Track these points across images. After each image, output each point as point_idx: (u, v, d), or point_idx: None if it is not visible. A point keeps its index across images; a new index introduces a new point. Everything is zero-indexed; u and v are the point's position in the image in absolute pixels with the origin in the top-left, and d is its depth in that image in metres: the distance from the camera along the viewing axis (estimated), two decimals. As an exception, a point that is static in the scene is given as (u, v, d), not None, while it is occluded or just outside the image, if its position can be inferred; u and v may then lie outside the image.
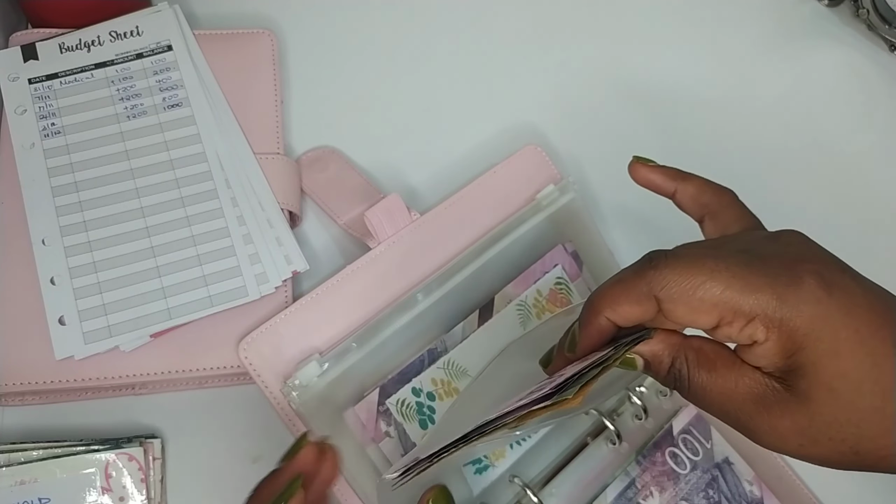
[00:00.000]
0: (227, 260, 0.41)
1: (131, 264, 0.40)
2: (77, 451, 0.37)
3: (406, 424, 0.38)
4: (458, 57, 0.52)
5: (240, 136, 0.44)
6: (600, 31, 0.54)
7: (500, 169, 0.45)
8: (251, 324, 0.40)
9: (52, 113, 0.43)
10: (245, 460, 0.40)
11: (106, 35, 0.45)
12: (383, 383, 0.38)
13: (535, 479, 0.37)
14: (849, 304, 0.24)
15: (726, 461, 0.40)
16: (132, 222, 0.41)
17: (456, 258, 0.42)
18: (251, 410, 0.40)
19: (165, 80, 0.44)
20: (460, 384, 0.39)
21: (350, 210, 0.44)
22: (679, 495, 0.39)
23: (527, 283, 0.42)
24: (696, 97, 0.52)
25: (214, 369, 0.40)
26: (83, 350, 0.38)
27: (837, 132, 0.52)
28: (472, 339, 0.40)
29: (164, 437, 0.40)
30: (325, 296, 0.40)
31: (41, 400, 0.39)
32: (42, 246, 0.40)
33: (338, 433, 0.38)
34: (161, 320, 0.39)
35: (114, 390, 0.40)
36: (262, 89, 0.46)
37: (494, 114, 0.51)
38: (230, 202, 0.42)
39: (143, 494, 0.37)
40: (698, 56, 0.54)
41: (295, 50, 0.51)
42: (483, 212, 0.44)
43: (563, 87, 0.52)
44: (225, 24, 0.49)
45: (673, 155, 0.50)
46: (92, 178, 0.41)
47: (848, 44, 0.55)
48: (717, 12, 0.56)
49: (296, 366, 0.38)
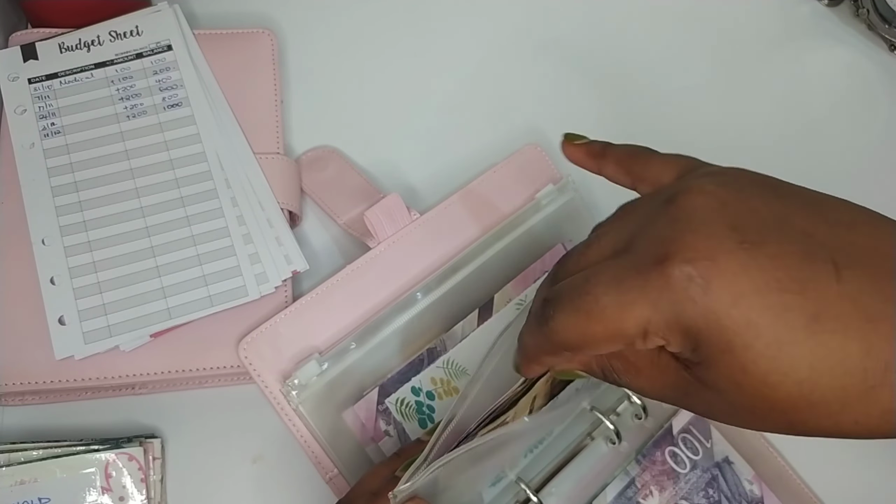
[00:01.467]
0: (227, 260, 0.41)
1: (131, 264, 0.40)
2: (77, 450, 0.37)
3: (405, 423, 0.38)
4: (458, 56, 0.52)
5: (240, 136, 0.44)
6: (600, 31, 0.54)
7: (499, 168, 0.45)
8: (251, 324, 0.40)
9: (51, 113, 0.43)
10: (245, 460, 0.40)
11: (106, 35, 0.45)
12: (383, 382, 0.38)
13: (534, 479, 0.37)
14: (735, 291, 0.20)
15: (726, 460, 0.40)
16: (132, 222, 0.41)
17: (455, 257, 0.42)
18: (251, 410, 0.40)
19: (165, 80, 0.44)
20: (460, 383, 0.39)
21: (350, 210, 0.44)
22: (679, 494, 0.39)
23: (526, 283, 0.42)
24: (697, 97, 0.52)
25: (214, 369, 0.40)
26: (83, 350, 0.38)
27: (837, 132, 0.52)
28: (472, 339, 0.40)
29: (164, 437, 0.40)
30: (325, 295, 0.40)
31: (41, 400, 0.39)
32: (42, 246, 0.40)
33: (337, 432, 0.38)
34: (161, 320, 0.39)
35: (114, 390, 0.40)
36: (262, 89, 0.46)
37: (494, 113, 0.51)
38: (230, 202, 0.42)
39: (143, 494, 0.37)
40: (699, 56, 0.54)
41: (295, 50, 0.51)
42: (483, 211, 0.44)
43: (562, 86, 0.52)
44: (225, 23, 0.49)
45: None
46: (92, 177, 0.41)
47: (848, 44, 0.55)
48: (718, 12, 0.56)
49: (295, 365, 0.38)
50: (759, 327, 0.20)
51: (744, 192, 0.23)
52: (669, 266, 0.21)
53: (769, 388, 0.21)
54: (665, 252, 0.21)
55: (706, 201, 0.22)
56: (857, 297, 0.20)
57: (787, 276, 0.20)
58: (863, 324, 0.20)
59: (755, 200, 0.22)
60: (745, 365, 0.21)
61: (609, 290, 0.22)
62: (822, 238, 0.21)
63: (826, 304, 0.20)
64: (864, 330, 0.20)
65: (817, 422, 0.21)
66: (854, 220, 0.22)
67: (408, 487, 0.29)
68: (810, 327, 0.20)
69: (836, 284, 0.20)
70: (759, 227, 0.21)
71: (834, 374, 0.20)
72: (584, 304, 0.23)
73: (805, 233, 0.21)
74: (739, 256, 0.21)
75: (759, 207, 0.22)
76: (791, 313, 0.20)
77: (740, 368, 0.21)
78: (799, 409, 0.21)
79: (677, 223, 0.22)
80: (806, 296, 0.20)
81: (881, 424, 0.20)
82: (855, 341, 0.20)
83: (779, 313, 0.20)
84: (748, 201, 0.22)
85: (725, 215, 0.22)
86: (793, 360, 0.20)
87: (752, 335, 0.20)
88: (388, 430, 0.38)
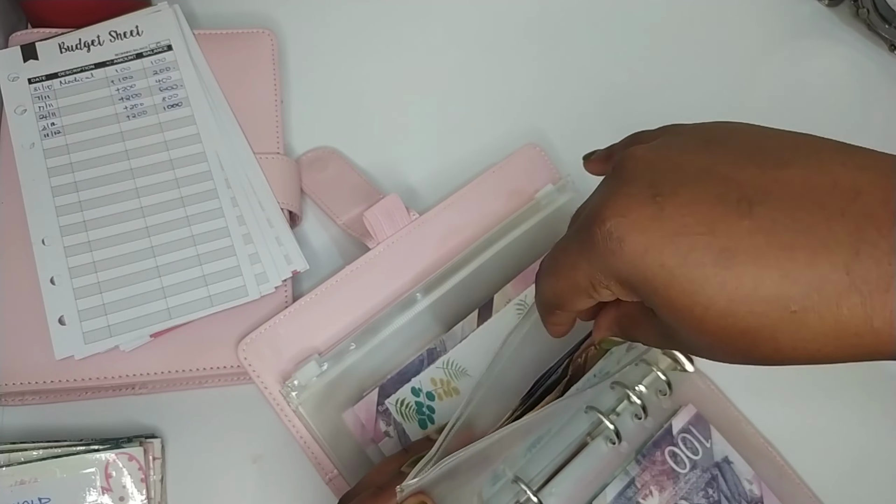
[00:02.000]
0: (227, 260, 0.41)
1: (131, 264, 0.40)
2: (77, 450, 0.37)
3: (405, 424, 0.38)
4: (458, 57, 0.52)
5: (240, 136, 0.44)
6: (600, 31, 0.54)
7: (498, 168, 0.45)
8: (251, 324, 0.40)
9: (51, 113, 0.43)
10: (245, 460, 0.40)
11: (106, 35, 0.45)
12: (382, 383, 0.38)
13: (534, 479, 0.37)
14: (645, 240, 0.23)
15: (726, 460, 0.40)
16: (132, 222, 0.41)
17: (455, 258, 0.42)
18: (251, 410, 0.40)
19: (165, 80, 0.44)
20: (460, 384, 0.39)
21: (349, 210, 0.44)
22: (679, 494, 0.39)
23: (526, 283, 0.42)
24: (697, 97, 0.52)
25: (214, 369, 0.40)
26: (83, 350, 0.38)
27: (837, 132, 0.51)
28: (472, 339, 0.40)
29: (164, 437, 0.40)
30: (325, 296, 0.40)
31: (41, 400, 0.39)
32: (42, 246, 0.40)
33: (337, 433, 0.38)
34: (161, 320, 0.39)
35: (114, 390, 0.40)
36: (261, 89, 0.46)
37: (493, 113, 0.51)
38: (230, 202, 0.42)
39: (143, 494, 0.37)
40: (698, 56, 0.54)
41: (295, 50, 0.51)
42: (482, 211, 0.44)
43: (562, 85, 0.52)
44: (225, 23, 0.49)
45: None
46: (92, 177, 0.41)
47: (848, 44, 0.55)
48: (717, 12, 0.56)
49: (295, 366, 0.38)
50: (671, 269, 0.22)
51: (672, 150, 0.25)
52: (594, 226, 0.24)
53: (698, 320, 0.23)
54: (594, 215, 0.24)
55: (635, 164, 0.25)
56: (770, 230, 0.21)
57: (695, 220, 0.22)
58: (776, 252, 0.21)
59: (682, 157, 0.24)
60: (671, 302, 0.23)
61: (563, 253, 0.26)
62: (742, 180, 0.23)
63: (735, 238, 0.22)
64: (778, 258, 0.21)
65: (760, 349, 0.22)
66: (792, 157, 0.23)
67: (416, 482, 0.29)
68: (720, 262, 0.22)
69: (748, 220, 0.22)
70: (676, 180, 0.24)
71: (751, 301, 0.21)
72: (550, 267, 0.27)
73: (724, 178, 0.23)
74: (650, 209, 0.23)
75: (683, 162, 0.24)
76: (697, 252, 0.22)
77: (670, 306, 0.23)
78: (735, 338, 0.22)
79: (609, 187, 0.25)
80: (715, 234, 0.22)
81: (821, 348, 0.21)
82: (769, 269, 0.21)
83: (685, 253, 0.22)
84: (674, 158, 0.25)
85: (647, 174, 0.24)
86: (709, 293, 0.22)
87: (667, 276, 0.23)
88: (388, 431, 0.38)
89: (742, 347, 0.23)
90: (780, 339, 0.22)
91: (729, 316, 0.22)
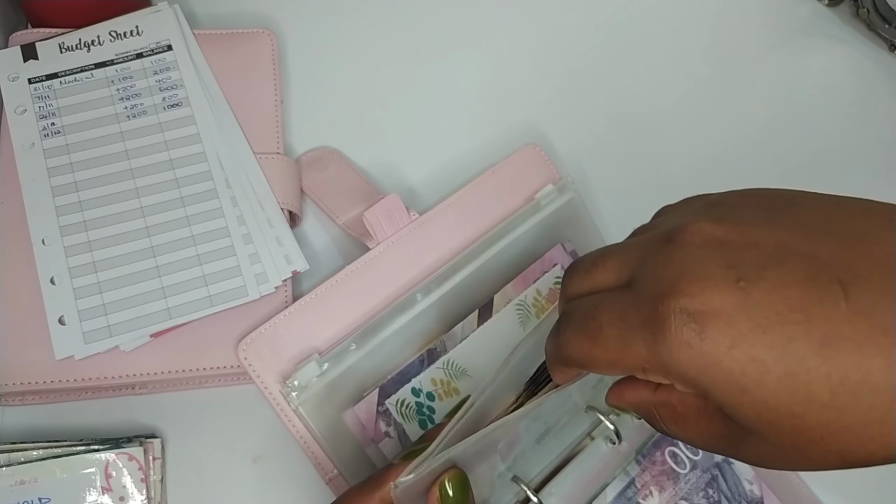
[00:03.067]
0: (227, 260, 0.41)
1: (131, 264, 0.40)
2: (77, 450, 0.37)
3: (406, 424, 0.38)
4: (458, 57, 0.52)
5: (240, 136, 0.44)
6: (600, 31, 0.54)
7: (498, 169, 0.45)
8: (251, 324, 0.40)
9: (51, 113, 0.43)
10: (245, 460, 0.40)
11: (106, 35, 0.45)
12: (383, 383, 0.38)
13: (534, 479, 0.37)
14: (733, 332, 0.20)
15: (726, 460, 0.40)
16: (132, 222, 0.41)
17: (455, 258, 0.42)
18: (251, 410, 0.40)
19: (165, 80, 0.44)
20: (460, 384, 0.39)
21: (349, 210, 0.44)
22: (679, 495, 0.39)
23: (526, 283, 0.42)
24: (696, 97, 0.52)
25: (214, 369, 0.40)
26: (83, 350, 0.38)
27: (837, 132, 0.52)
28: (472, 339, 0.40)
29: (164, 437, 0.40)
30: (325, 296, 0.40)
31: (41, 400, 0.39)
32: (42, 246, 0.40)
33: (337, 433, 0.38)
34: (161, 320, 0.39)
35: (114, 390, 0.40)
36: (261, 89, 0.46)
37: (494, 113, 0.51)
38: (230, 202, 0.42)
39: (143, 494, 0.37)
40: (698, 56, 0.54)
41: (295, 50, 0.51)
42: (482, 211, 0.44)
43: (561, 86, 0.52)
44: (225, 23, 0.49)
45: (673, 154, 0.50)
46: (92, 177, 0.41)
47: (848, 44, 0.55)
48: (717, 12, 0.56)
49: (295, 366, 0.38)
50: (765, 363, 0.20)
51: (742, 224, 0.23)
52: (665, 310, 0.21)
53: (797, 418, 0.20)
54: (661, 293, 0.22)
55: (703, 240, 0.23)
56: (870, 314, 0.20)
57: (788, 306, 0.20)
58: (880, 339, 0.19)
59: (754, 231, 0.22)
60: (766, 401, 0.21)
61: (613, 322, 0.23)
62: (827, 257, 0.21)
63: (835, 326, 0.20)
64: (883, 345, 0.19)
65: (864, 446, 0.20)
66: (868, 229, 0.21)
67: (410, 479, 0.29)
68: (822, 352, 0.20)
69: (844, 303, 0.20)
70: (757, 261, 0.21)
71: (859, 393, 0.20)
72: (590, 329, 0.24)
73: (808, 256, 0.21)
74: (735, 296, 0.21)
75: (758, 238, 0.22)
76: (796, 343, 0.20)
77: (762, 405, 0.21)
78: (837, 436, 0.20)
79: (674, 264, 0.22)
80: (812, 322, 0.20)
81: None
82: (875, 358, 0.19)
83: (783, 345, 0.20)
84: (746, 234, 0.22)
85: (722, 253, 0.22)
86: (810, 388, 0.20)
87: (761, 371, 0.20)
88: (389, 431, 0.38)
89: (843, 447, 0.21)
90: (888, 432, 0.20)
91: (833, 410, 0.20)
